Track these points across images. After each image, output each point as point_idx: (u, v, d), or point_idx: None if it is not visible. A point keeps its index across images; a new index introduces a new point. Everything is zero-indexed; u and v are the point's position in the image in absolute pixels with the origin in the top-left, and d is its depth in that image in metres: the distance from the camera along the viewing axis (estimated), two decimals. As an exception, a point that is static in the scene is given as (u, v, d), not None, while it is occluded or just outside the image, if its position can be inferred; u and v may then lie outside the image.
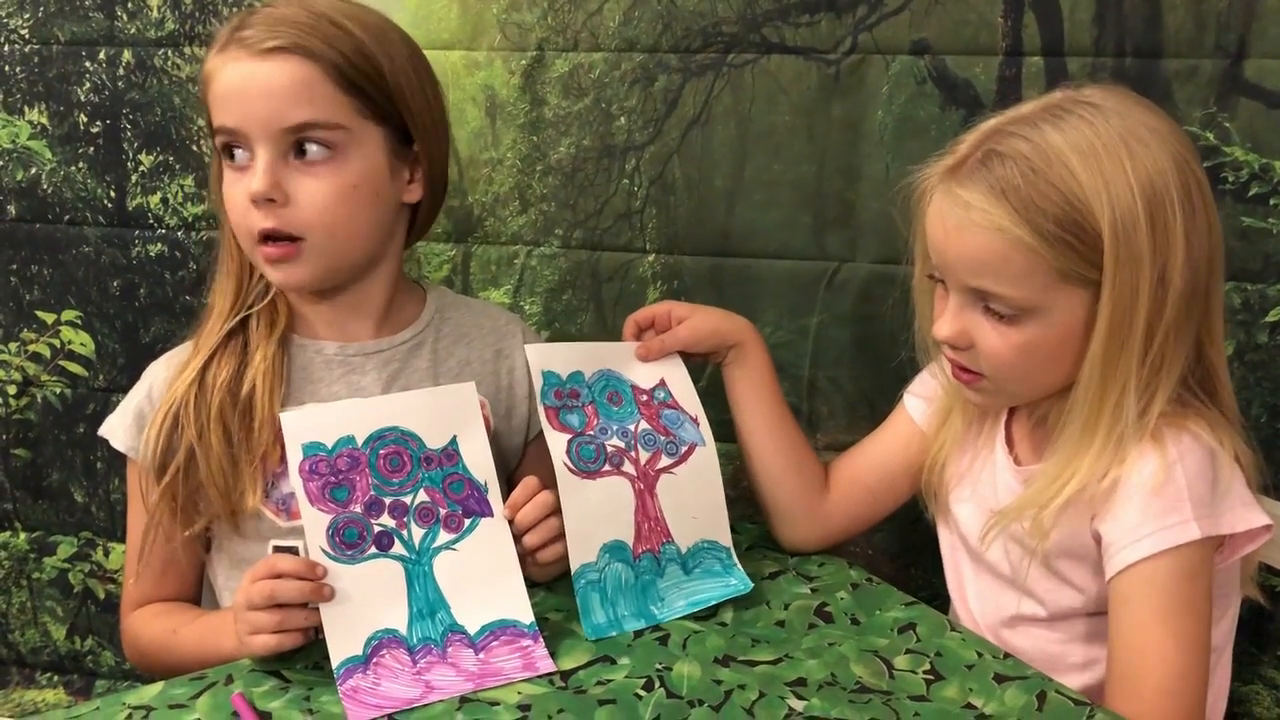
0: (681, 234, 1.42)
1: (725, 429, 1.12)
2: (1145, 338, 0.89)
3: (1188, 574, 0.90)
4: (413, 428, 0.98)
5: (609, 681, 0.92)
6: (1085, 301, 0.90)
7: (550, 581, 1.03)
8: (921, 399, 1.11)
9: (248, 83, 0.99)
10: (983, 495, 1.05)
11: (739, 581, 1.03)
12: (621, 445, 1.03)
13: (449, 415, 0.99)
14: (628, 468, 1.02)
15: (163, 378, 1.09)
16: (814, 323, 1.41)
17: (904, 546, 1.42)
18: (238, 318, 1.07)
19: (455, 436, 0.99)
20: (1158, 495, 0.90)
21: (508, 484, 1.17)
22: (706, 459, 1.06)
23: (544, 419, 1.01)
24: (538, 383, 1.03)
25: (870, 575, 1.09)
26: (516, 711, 0.88)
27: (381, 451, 0.96)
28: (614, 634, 0.97)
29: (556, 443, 1.00)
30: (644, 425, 1.05)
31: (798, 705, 0.89)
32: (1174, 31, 1.24)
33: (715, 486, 1.05)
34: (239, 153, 1.01)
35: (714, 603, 1.01)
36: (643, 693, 0.90)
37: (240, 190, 1.01)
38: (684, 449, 1.05)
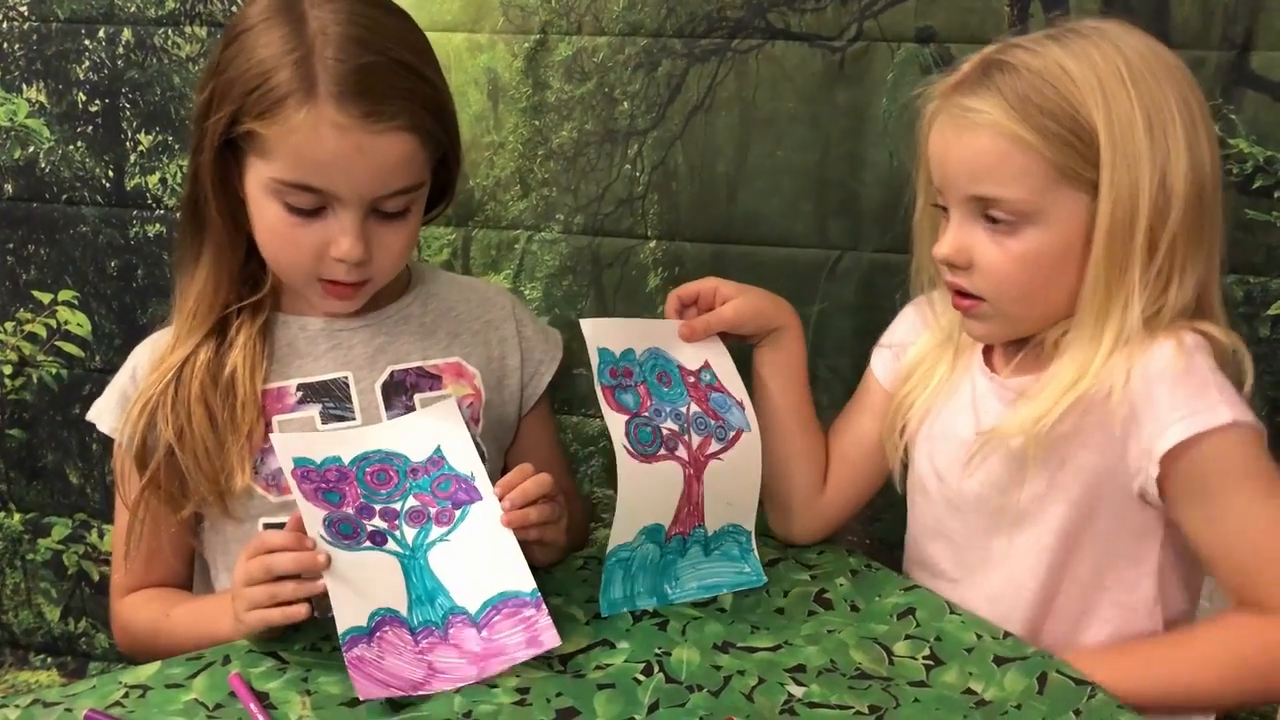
0: (683, 220, 1.42)
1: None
2: (1148, 245, 0.89)
3: (1248, 447, 0.88)
4: (398, 449, 0.98)
5: (608, 666, 0.91)
6: (1084, 206, 0.90)
7: (549, 567, 1.03)
8: (888, 348, 1.10)
9: (358, 158, 0.96)
10: (963, 425, 1.02)
11: (753, 571, 1.03)
12: (675, 429, 1.01)
13: (431, 430, 1.00)
14: (681, 452, 1.00)
15: (146, 360, 1.08)
16: (815, 311, 1.40)
17: (903, 536, 1.42)
18: (228, 310, 1.06)
19: (439, 445, 0.99)
20: (1180, 381, 0.88)
21: (505, 460, 1.17)
22: (751, 445, 1.04)
23: (601, 398, 0.99)
24: (594, 360, 1.00)
25: (870, 561, 1.09)
26: (515, 694, 0.88)
27: (368, 469, 0.97)
28: (626, 609, 0.97)
29: (615, 423, 0.98)
30: (695, 408, 1.03)
31: (797, 691, 0.89)
32: (1180, 23, 1.24)
33: (755, 473, 1.04)
34: (308, 201, 0.98)
35: (725, 590, 1.01)
36: (642, 677, 0.90)
37: (310, 238, 0.99)
38: (732, 434, 1.04)
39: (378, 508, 0.95)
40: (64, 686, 0.90)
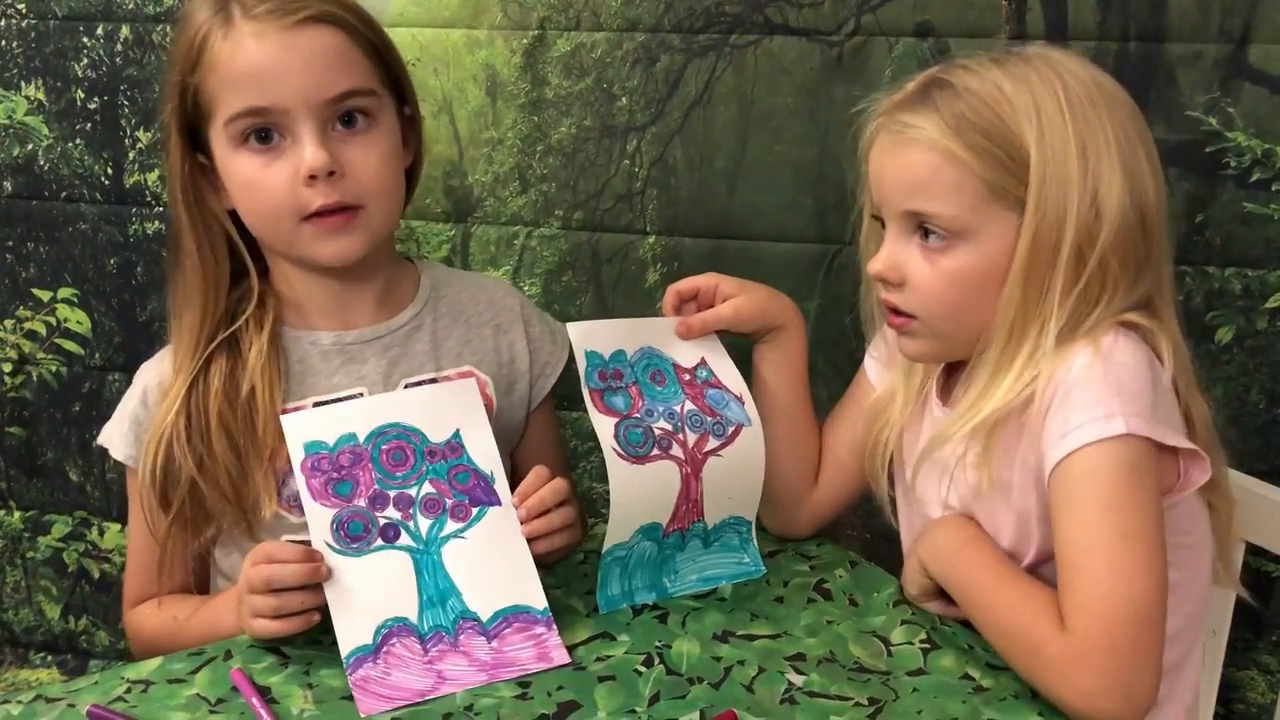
0: (682, 216, 1.42)
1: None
2: (1074, 264, 0.88)
3: (1128, 466, 0.84)
4: (415, 424, 0.96)
5: (609, 658, 0.92)
6: (1015, 227, 0.89)
7: (552, 564, 1.03)
8: (878, 360, 1.10)
9: (284, 57, 0.96)
10: (918, 450, 1.02)
11: (752, 562, 1.03)
12: (669, 428, 1.00)
13: (451, 410, 0.98)
14: (676, 451, 1.00)
15: (155, 382, 1.07)
16: (813, 306, 1.40)
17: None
18: (227, 332, 1.04)
19: (459, 430, 0.98)
20: (1085, 388, 0.86)
21: (511, 459, 1.17)
22: (753, 438, 1.03)
23: (589, 402, 0.98)
24: (581, 364, 1.00)
25: (865, 560, 1.08)
26: (516, 688, 0.88)
27: (384, 447, 0.95)
28: (624, 605, 0.97)
29: (604, 426, 0.97)
30: (689, 406, 1.02)
31: (797, 680, 0.89)
32: (1178, 16, 1.24)
33: (758, 466, 1.03)
34: (271, 135, 0.98)
35: (724, 582, 1.01)
36: (642, 669, 0.90)
37: (281, 172, 0.98)
38: (731, 430, 1.03)
39: (392, 494, 0.94)
40: (66, 683, 0.90)
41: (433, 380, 1.09)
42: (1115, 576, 0.83)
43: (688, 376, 1.04)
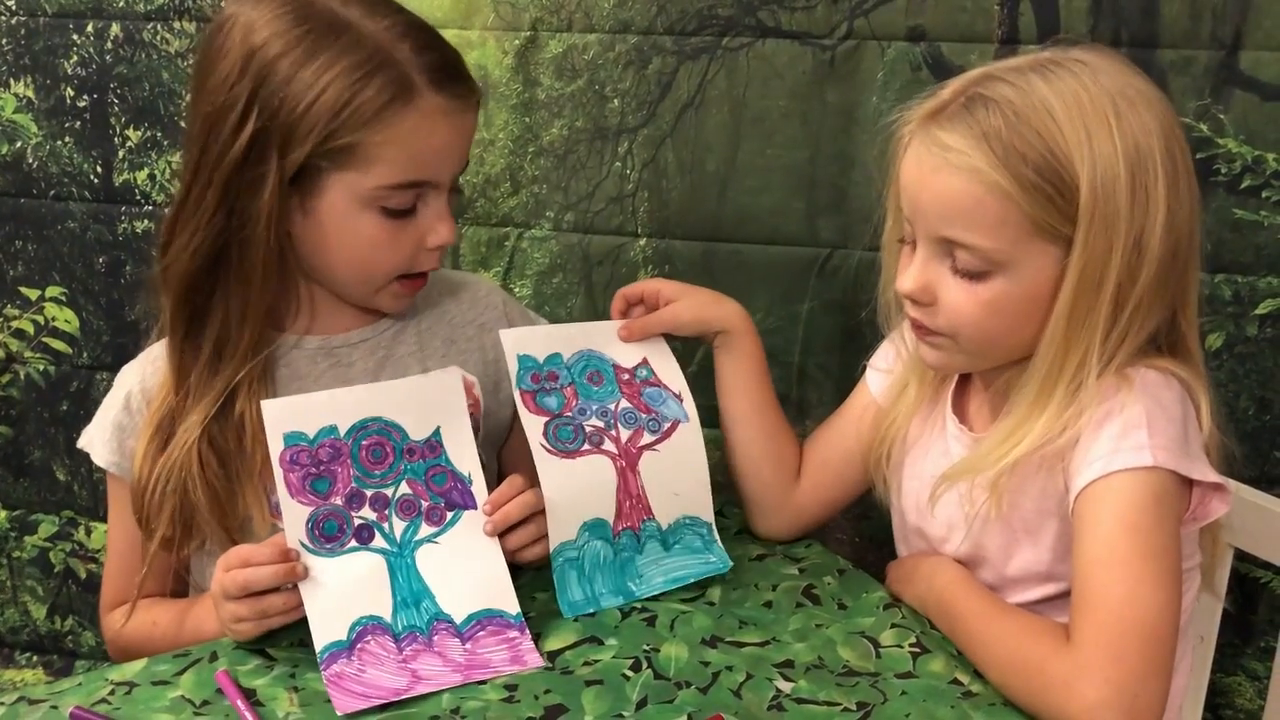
0: (674, 218, 1.42)
1: (713, 414, 1.12)
2: (1115, 302, 0.86)
3: (1153, 496, 0.84)
4: (396, 418, 0.96)
5: (596, 662, 0.91)
6: (1055, 260, 0.87)
7: (535, 567, 1.02)
8: (882, 372, 1.09)
9: (457, 139, 1.00)
10: (931, 465, 1.02)
11: (718, 559, 1.02)
12: (601, 425, 1.02)
13: (433, 405, 0.98)
14: (608, 446, 1.01)
15: (139, 388, 1.05)
16: (805, 309, 1.40)
17: (891, 535, 1.42)
18: (245, 368, 1.01)
19: (439, 427, 0.97)
20: (1115, 421, 0.86)
21: (498, 459, 1.17)
22: (690, 435, 1.05)
23: (519, 403, 1.00)
24: (512, 367, 1.02)
25: (853, 568, 1.08)
26: (503, 691, 0.88)
27: (364, 442, 0.95)
28: (591, 611, 0.97)
29: (533, 425, 0.99)
30: (624, 404, 1.04)
31: (785, 687, 0.89)
32: (1170, 22, 1.24)
33: (699, 462, 1.04)
34: (410, 199, 0.99)
35: (692, 580, 1.01)
36: (630, 673, 0.90)
37: (410, 238, 1.00)
38: (666, 425, 1.04)
39: (369, 493, 0.93)
40: (49, 684, 0.89)
41: None
42: (1129, 590, 0.82)
43: (626, 376, 1.06)
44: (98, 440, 1.07)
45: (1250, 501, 1.09)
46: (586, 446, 1.00)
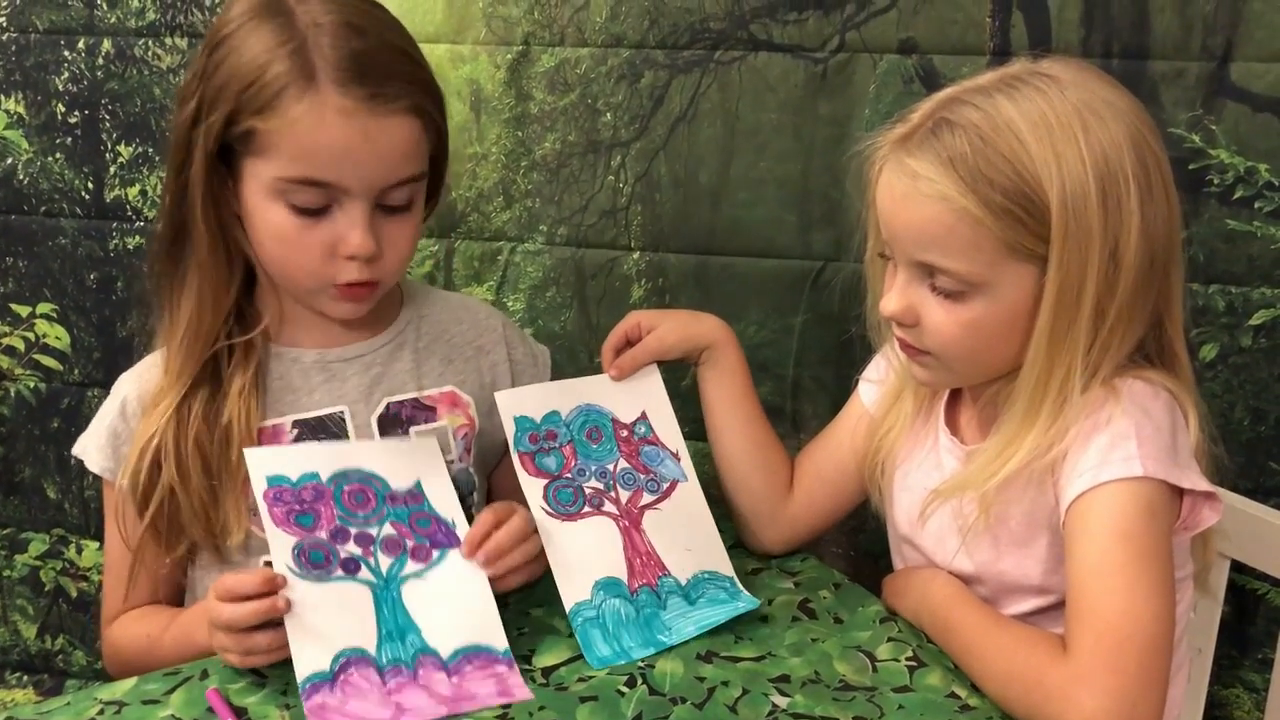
0: (667, 231, 1.42)
1: (699, 427, 1.12)
2: (1095, 316, 0.87)
3: (1144, 505, 0.85)
4: (376, 470, 0.96)
5: (590, 678, 0.91)
6: (1033, 278, 0.88)
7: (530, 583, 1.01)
8: (874, 384, 1.09)
9: (363, 144, 0.93)
10: (923, 478, 1.02)
11: (746, 603, 0.99)
12: (600, 486, 1.02)
13: (413, 463, 0.98)
14: (609, 507, 1.01)
15: (135, 395, 1.05)
16: (799, 322, 1.40)
17: (886, 548, 1.42)
18: (220, 345, 1.02)
19: (419, 480, 0.97)
20: (1104, 433, 0.86)
21: (488, 481, 1.16)
22: (690, 494, 1.04)
23: (518, 465, 1.00)
24: (510, 430, 1.01)
25: (848, 581, 1.08)
26: (497, 710, 0.87)
27: (346, 488, 0.94)
28: (621, 662, 0.93)
29: (533, 489, 0.99)
30: (623, 464, 1.04)
31: (781, 702, 0.88)
32: (1161, 33, 1.25)
33: (704, 519, 1.03)
34: (315, 198, 0.95)
35: (723, 621, 0.97)
36: (625, 690, 0.89)
37: (317, 240, 0.96)
38: (665, 486, 1.04)
39: (353, 531, 0.93)
40: (38, 704, 0.88)
41: (415, 400, 1.09)
42: (1125, 599, 0.82)
43: (625, 433, 1.06)
44: (92, 447, 1.06)
45: (1246, 512, 1.09)
46: (587, 509, 1.00)
